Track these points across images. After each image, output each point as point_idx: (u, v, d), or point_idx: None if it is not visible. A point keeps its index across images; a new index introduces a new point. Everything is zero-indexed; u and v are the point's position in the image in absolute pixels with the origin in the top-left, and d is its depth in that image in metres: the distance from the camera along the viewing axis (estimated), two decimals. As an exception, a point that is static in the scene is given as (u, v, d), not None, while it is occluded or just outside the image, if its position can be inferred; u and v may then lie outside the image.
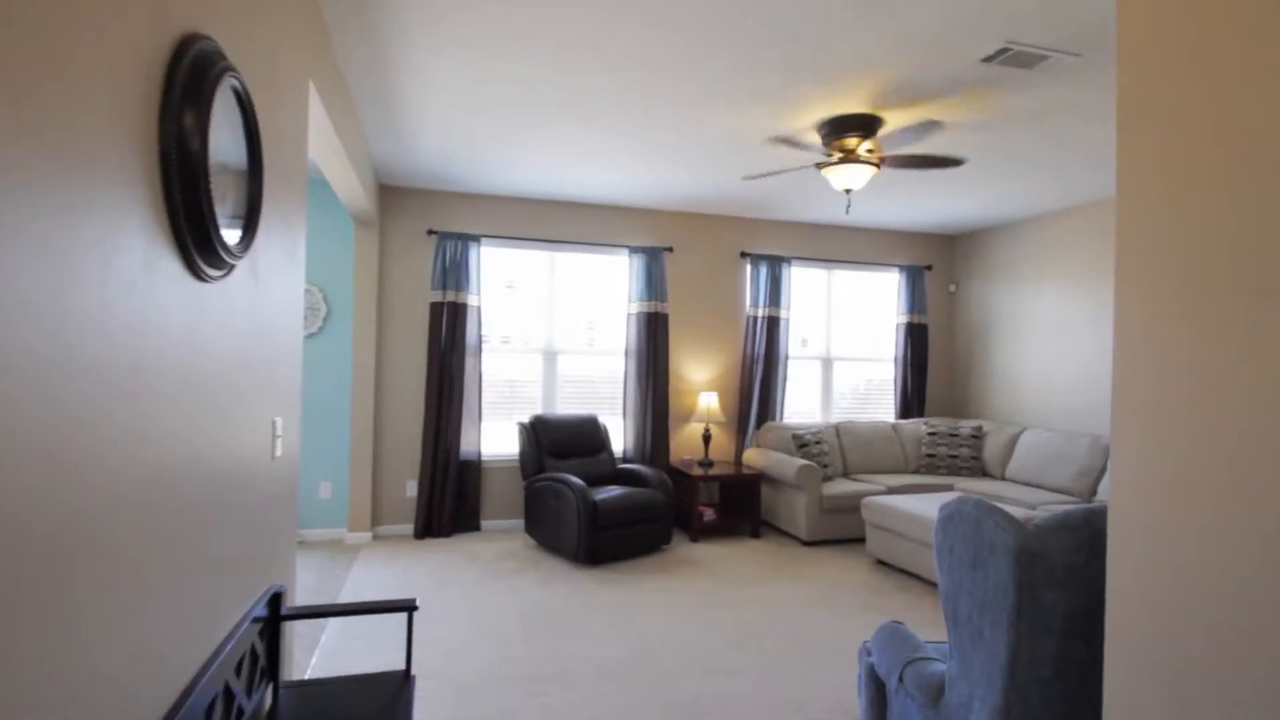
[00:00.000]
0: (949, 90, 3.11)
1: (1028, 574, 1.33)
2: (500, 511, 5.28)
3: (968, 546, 1.45)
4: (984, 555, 1.40)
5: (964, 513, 1.47)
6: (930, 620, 3.53)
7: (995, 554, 1.37)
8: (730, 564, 4.46)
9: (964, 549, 1.46)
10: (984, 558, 1.40)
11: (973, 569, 1.44)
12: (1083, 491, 4.79)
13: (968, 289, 6.49)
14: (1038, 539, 1.33)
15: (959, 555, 1.48)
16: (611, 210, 5.57)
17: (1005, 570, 1.35)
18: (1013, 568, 1.34)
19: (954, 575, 1.50)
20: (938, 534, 1.55)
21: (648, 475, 4.79)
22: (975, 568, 1.43)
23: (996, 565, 1.37)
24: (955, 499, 1.53)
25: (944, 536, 1.54)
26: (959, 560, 1.48)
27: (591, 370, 5.59)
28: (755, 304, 5.83)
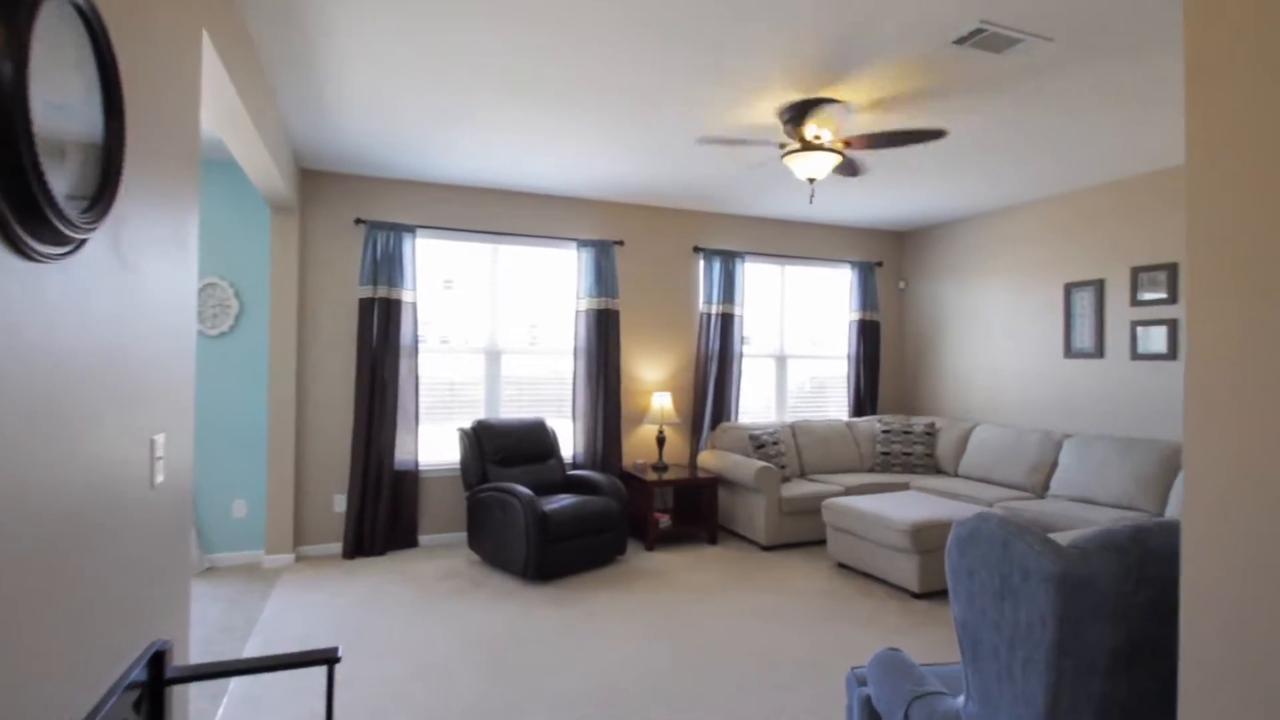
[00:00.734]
0: (915, 75, 2.96)
1: (1071, 606, 1.12)
2: (440, 525, 4.90)
3: (993, 572, 1.24)
4: (1014, 583, 1.20)
5: (987, 532, 1.27)
6: (896, 627, 3.39)
7: (1029, 581, 1.17)
8: (689, 574, 4.24)
9: (988, 575, 1.26)
10: (1014, 585, 1.20)
11: (999, 598, 1.23)
12: (1035, 487, 4.78)
13: (917, 285, 6.48)
14: (1082, 564, 1.13)
15: (981, 582, 1.27)
16: (559, 201, 5.27)
17: (1043, 601, 1.15)
18: (1053, 598, 1.13)
19: (974, 604, 1.29)
20: (952, 555, 1.35)
21: (600, 482, 4.52)
22: (1003, 597, 1.22)
23: (1031, 594, 1.17)
24: (975, 516, 1.32)
25: (961, 559, 1.33)
26: (981, 587, 1.27)
27: (538, 371, 5.27)
28: (709, 300, 5.64)
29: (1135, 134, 3.75)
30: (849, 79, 3.02)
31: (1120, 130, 3.69)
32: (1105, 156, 4.18)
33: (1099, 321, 4.85)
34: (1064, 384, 5.09)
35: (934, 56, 2.81)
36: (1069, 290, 5.07)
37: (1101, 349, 4.83)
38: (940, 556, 3.84)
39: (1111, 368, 4.76)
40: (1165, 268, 4.44)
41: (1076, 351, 5.01)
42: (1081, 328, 4.98)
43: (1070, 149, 4.02)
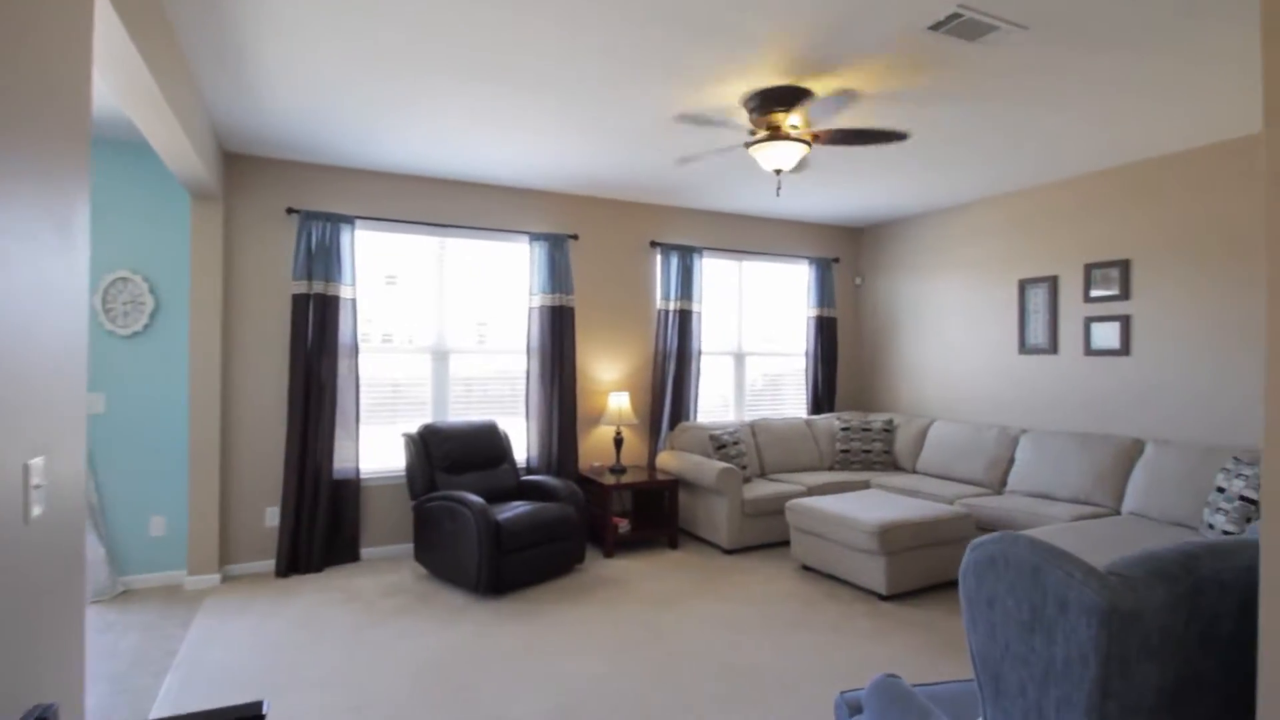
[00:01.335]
0: (886, 65, 2.84)
1: (1119, 642, 0.99)
2: (384, 537, 4.59)
3: (1021, 601, 1.10)
4: (1048, 614, 1.06)
5: (1014, 557, 1.12)
6: (868, 633, 3.30)
7: (1068, 614, 1.03)
8: (651, 582, 4.07)
9: (1014, 604, 1.11)
10: (1048, 617, 1.06)
11: (1028, 631, 1.09)
12: (993, 483, 4.80)
13: (874, 282, 6.47)
14: (1129, 595, 0.99)
15: (1005, 611, 1.13)
16: (510, 192, 5.01)
17: (1084, 636, 1.01)
18: (1097, 634, 0.99)
19: (996, 636, 1.15)
20: (968, 581, 1.20)
21: (556, 487, 4.30)
22: (1033, 630, 1.08)
23: (1070, 629, 1.03)
24: (999, 536, 1.17)
25: (979, 585, 1.19)
26: (1005, 618, 1.13)
27: (489, 370, 5.01)
28: (666, 297, 5.47)
29: (1091, 131, 3.75)
30: (820, 64, 2.88)
31: (1076, 127, 3.68)
32: (1060, 154, 4.19)
33: (1053, 318, 4.90)
34: (1019, 380, 5.13)
35: (908, 44, 2.70)
36: (1023, 286, 5.10)
37: (1055, 345, 4.88)
38: (908, 558, 3.77)
39: (1065, 363, 4.81)
40: (1118, 264, 4.49)
41: (1031, 347, 5.05)
42: (1036, 324, 5.02)
43: (1027, 146, 4.01)
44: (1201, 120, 3.60)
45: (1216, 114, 3.50)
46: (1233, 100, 3.32)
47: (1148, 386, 4.32)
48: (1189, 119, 3.58)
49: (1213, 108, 3.41)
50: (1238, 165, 3.87)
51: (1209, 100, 3.33)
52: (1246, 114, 3.50)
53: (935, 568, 3.88)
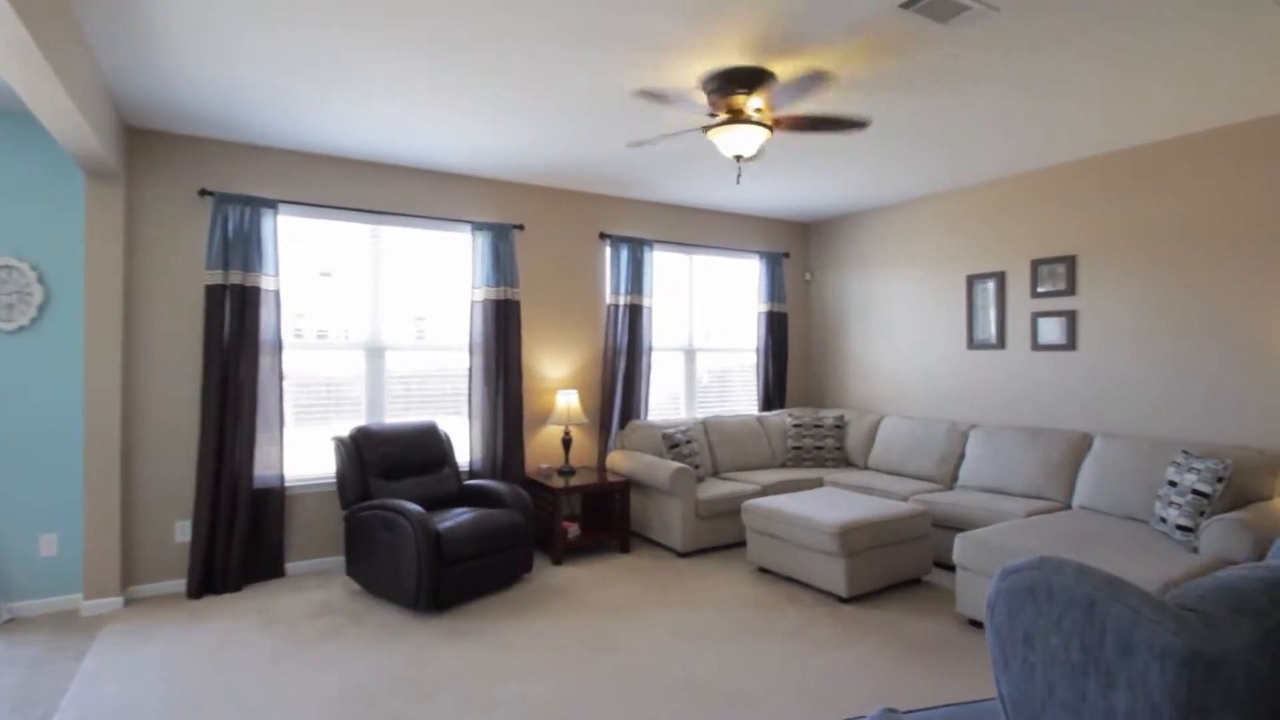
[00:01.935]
0: (853, 45, 2.71)
1: (1200, 691, 0.84)
2: (313, 549, 4.22)
3: (1069, 640, 0.94)
4: (1106, 656, 0.90)
5: (1060, 587, 0.96)
6: (832, 639, 3.18)
7: (1133, 657, 0.88)
8: (603, 590, 3.85)
9: (1061, 643, 0.96)
10: (1107, 660, 0.90)
11: (1079, 675, 0.94)
12: (945, 478, 4.80)
13: (823, 277, 6.43)
14: (1212, 636, 0.84)
15: (1049, 651, 0.97)
16: (451, 178, 4.69)
17: (1158, 684, 0.85)
18: (1174, 682, 0.84)
19: (1037, 679, 0.99)
20: (998, 613, 1.04)
21: (502, 492, 4.04)
22: (1085, 674, 0.93)
23: (1137, 675, 0.88)
24: (1038, 562, 1.01)
25: (1012, 619, 1.03)
26: (1050, 658, 0.97)
27: (429, 368, 4.68)
28: (616, 291, 5.26)
29: (1040, 128, 3.74)
30: (785, 42, 2.72)
31: (1026, 124, 3.67)
32: (1009, 151, 4.18)
33: (1001, 313, 4.93)
34: (967, 375, 5.15)
35: (878, 23, 2.56)
36: (971, 282, 5.12)
37: (1003, 340, 4.91)
38: (868, 558, 3.69)
39: (1013, 358, 4.85)
40: (1064, 260, 4.54)
41: (979, 343, 5.07)
42: (984, 319, 5.05)
43: (978, 142, 3.98)
44: (1146, 119, 3.63)
45: (1161, 112, 3.54)
46: (1178, 99, 3.34)
47: (1093, 381, 4.37)
48: (1135, 117, 3.61)
49: (1158, 106, 3.44)
50: (1180, 163, 3.93)
51: (1155, 99, 3.34)
52: (1191, 112, 3.55)
53: (894, 567, 3.81)
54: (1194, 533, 3.14)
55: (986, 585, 3.25)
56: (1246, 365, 3.68)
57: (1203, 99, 3.35)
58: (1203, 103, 3.40)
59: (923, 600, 3.70)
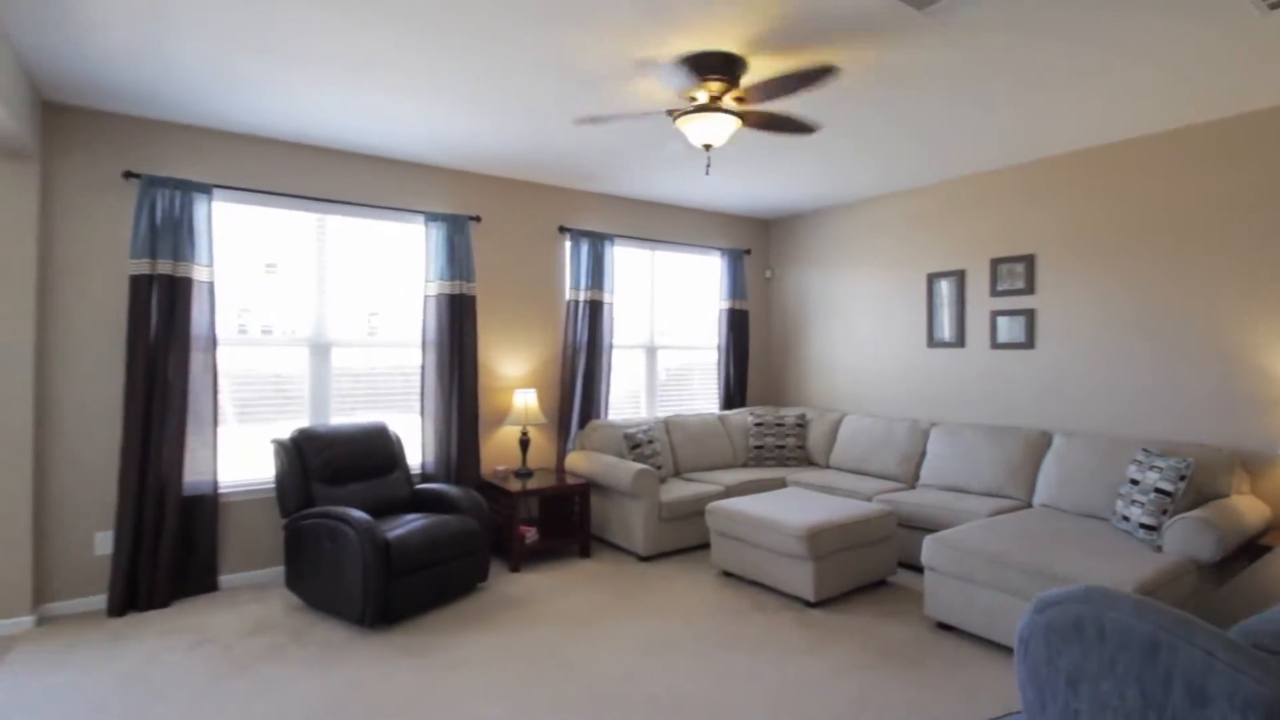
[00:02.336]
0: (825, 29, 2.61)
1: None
2: (250, 560, 3.94)
3: (1125, 685, 0.84)
4: (1174, 705, 0.80)
5: (1114, 624, 0.85)
6: (801, 646, 3.09)
7: (1208, 708, 0.78)
8: (563, 599, 3.69)
9: (1115, 688, 0.85)
10: (1174, 709, 0.80)
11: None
12: (907, 477, 4.78)
13: (784, 275, 6.38)
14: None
15: (1099, 697, 0.87)
16: (404, 167, 4.45)
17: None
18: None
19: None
20: (1034, 647, 0.93)
21: (456, 496, 3.83)
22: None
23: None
24: (1083, 593, 0.91)
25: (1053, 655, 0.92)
26: (1099, 704, 0.87)
27: (380, 365, 4.44)
28: (576, 286, 5.09)
29: (1002, 127, 3.74)
30: (754, 27, 2.61)
31: (989, 123, 3.66)
32: (970, 149, 4.18)
33: (960, 311, 4.94)
34: (927, 373, 5.16)
35: (856, 6, 2.46)
36: (931, 281, 5.13)
37: (963, 339, 4.92)
38: (835, 561, 3.62)
39: (973, 357, 4.86)
40: (1023, 259, 4.57)
41: (939, 341, 5.08)
42: (944, 318, 5.06)
43: (940, 141, 3.96)
44: (1107, 119, 3.65)
45: (1121, 113, 3.56)
46: (1139, 100, 3.36)
47: (1052, 379, 4.41)
48: (1095, 118, 3.62)
49: (1118, 107, 3.45)
50: (1138, 164, 3.98)
51: (1116, 100, 3.35)
52: (1151, 114, 3.58)
53: (861, 569, 3.75)
54: (1157, 531, 3.16)
55: (956, 588, 3.21)
56: (1202, 364, 3.74)
57: (1164, 101, 3.38)
58: (1163, 104, 3.43)
59: (890, 603, 3.65)
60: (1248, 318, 3.58)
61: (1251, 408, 3.56)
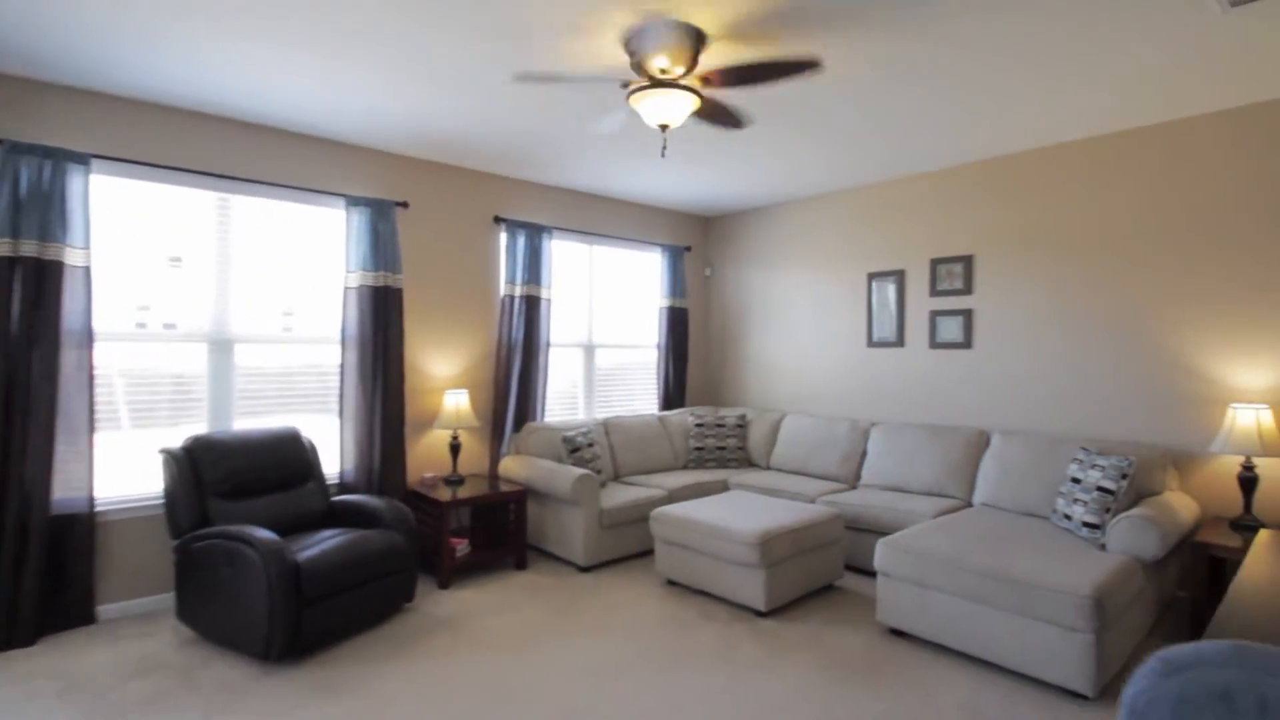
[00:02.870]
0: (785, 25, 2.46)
1: None
2: (134, 588, 3.44)
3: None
4: None
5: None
6: (759, 660, 2.93)
7: None
8: (499, 617, 3.40)
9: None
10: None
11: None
12: (848, 477, 4.74)
13: (723, 273, 6.27)
14: None
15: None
16: (322, 144, 4.02)
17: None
18: None
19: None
20: (1158, 717, 0.74)
21: (379, 509, 3.48)
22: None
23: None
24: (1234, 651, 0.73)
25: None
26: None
27: (293, 363, 4.00)
28: (512, 280, 4.79)
29: (943, 127, 3.72)
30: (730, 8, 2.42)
31: (931, 122, 3.62)
32: (911, 148, 4.16)
33: (900, 311, 4.94)
34: (868, 373, 5.14)
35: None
36: (872, 280, 5.11)
37: (902, 338, 4.92)
38: (786, 568, 3.48)
39: (912, 356, 4.87)
40: (961, 260, 4.59)
41: (879, 341, 5.06)
42: (884, 317, 5.04)
43: (881, 141, 3.92)
44: (1044, 124, 3.68)
45: (1059, 117, 3.59)
46: (1077, 104, 3.38)
47: (989, 379, 4.45)
48: (1037, 120, 3.64)
49: (1057, 111, 3.47)
50: (1073, 167, 4.04)
51: (1055, 103, 3.37)
52: (1088, 118, 3.62)
53: (811, 575, 3.64)
54: (1100, 530, 3.17)
55: (909, 593, 3.13)
56: (1134, 364, 3.82)
57: (1109, 104, 3.41)
58: (1107, 108, 3.47)
59: (840, 608, 3.55)
60: (1177, 319, 3.68)
61: (1181, 406, 3.66)
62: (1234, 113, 3.46)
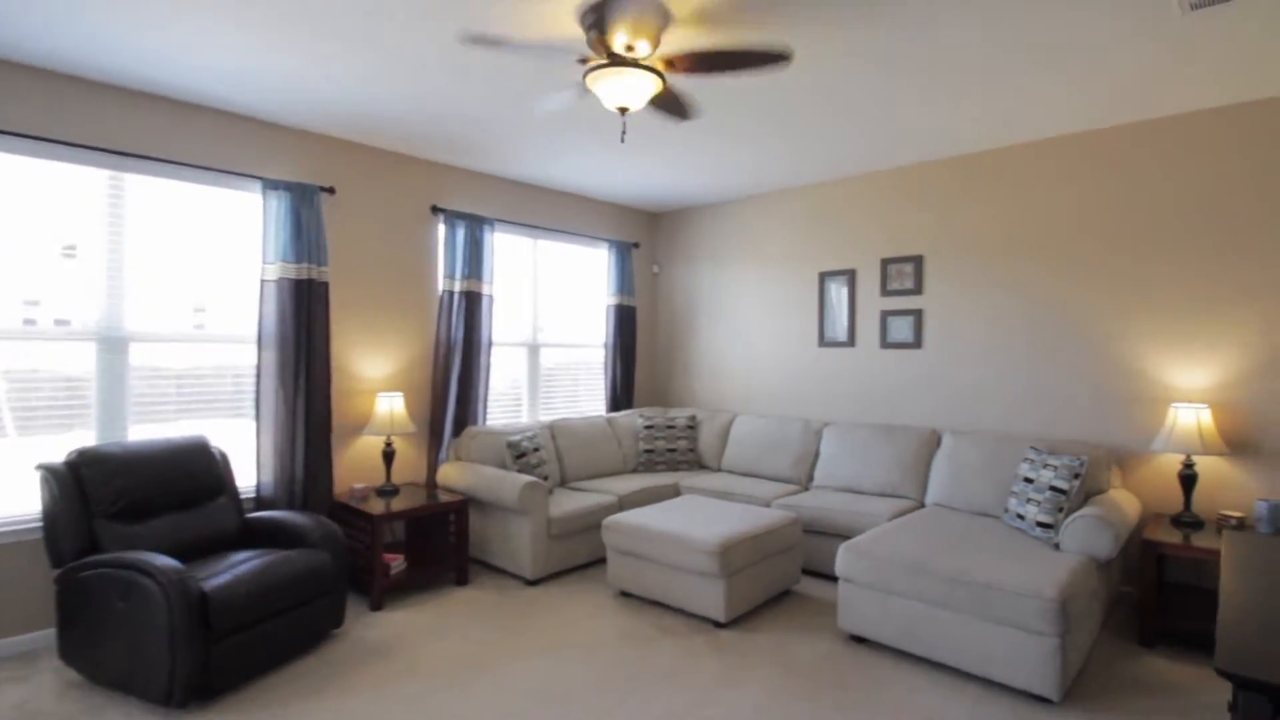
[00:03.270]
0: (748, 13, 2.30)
1: None
2: (7, 625, 2.98)
3: None
4: None
5: None
6: (722, 676, 2.76)
7: None
8: (439, 640, 3.12)
9: None
10: None
11: None
12: (801, 478, 4.66)
13: (672, 270, 6.12)
14: None
15: None
16: (235, 120, 3.62)
17: None
18: None
19: None
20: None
21: (302, 525, 3.13)
22: None
23: None
24: None
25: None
26: None
27: (204, 363, 3.58)
28: (451, 275, 4.48)
29: (894, 128, 3.67)
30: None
31: (880, 123, 3.58)
32: (861, 149, 4.10)
33: (851, 311, 4.90)
34: (819, 372, 5.09)
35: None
36: (824, 279, 5.06)
37: (854, 338, 4.89)
38: (746, 576, 3.34)
39: (863, 356, 4.83)
40: (912, 260, 4.58)
41: (830, 340, 5.02)
42: (835, 317, 5.00)
43: (833, 138, 3.85)
44: (995, 124, 3.68)
45: (1010, 118, 3.58)
46: (1039, 104, 3.37)
47: (940, 379, 4.45)
48: (992, 121, 3.63)
49: (1009, 112, 3.46)
50: (1021, 169, 4.07)
51: (1017, 102, 3.35)
52: (1039, 120, 3.63)
53: (769, 582, 3.52)
54: (1054, 529, 3.17)
55: (871, 599, 3.03)
56: (1081, 364, 3.87)
57: (1058, 107, 3.42)
58: (1056, 111, 3.48)
59: (798, 615, 3.44)
60: (1122, 321, 3.74)
61: (1124, 406, 3.72)
62: (1183, 118, 3.53)
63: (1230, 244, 3.41)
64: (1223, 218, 3.43)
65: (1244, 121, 3.36)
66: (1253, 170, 3.34)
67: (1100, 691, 2.67)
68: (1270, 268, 3.31)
